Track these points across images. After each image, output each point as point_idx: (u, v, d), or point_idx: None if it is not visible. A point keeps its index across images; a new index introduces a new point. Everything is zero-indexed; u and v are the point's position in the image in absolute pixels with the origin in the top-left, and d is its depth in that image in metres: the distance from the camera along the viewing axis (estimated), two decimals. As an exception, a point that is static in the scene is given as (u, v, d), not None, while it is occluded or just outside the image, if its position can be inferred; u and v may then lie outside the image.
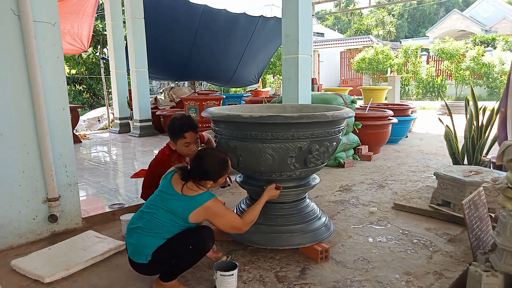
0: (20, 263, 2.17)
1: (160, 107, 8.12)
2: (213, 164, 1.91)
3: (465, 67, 16.37)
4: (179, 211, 1.84)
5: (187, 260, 1.89)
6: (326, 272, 2.09)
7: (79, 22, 8.08)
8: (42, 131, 2.47)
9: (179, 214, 1.84)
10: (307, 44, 4.18)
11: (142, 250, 1.82)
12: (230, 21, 9.72)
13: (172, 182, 1.91)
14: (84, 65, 13.97)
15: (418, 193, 3.31)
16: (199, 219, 1.88)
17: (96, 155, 5.77)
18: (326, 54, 23.78)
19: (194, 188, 1.88)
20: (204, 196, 1.87)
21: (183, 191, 1.86)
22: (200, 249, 1.89)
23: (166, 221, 1.84)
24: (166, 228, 1.84)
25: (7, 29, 2.34)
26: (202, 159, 1.91)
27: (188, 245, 1.84)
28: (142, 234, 1.84)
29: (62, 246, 2.42)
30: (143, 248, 1.82)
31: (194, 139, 2.40)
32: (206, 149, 2.01)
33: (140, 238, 1.83)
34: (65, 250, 2.36)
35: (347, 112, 2.20)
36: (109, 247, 2.36)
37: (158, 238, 1.83)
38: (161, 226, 1.83)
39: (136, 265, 1.87)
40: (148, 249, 1.81)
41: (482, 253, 1.95)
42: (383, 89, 11.16)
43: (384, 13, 32.86)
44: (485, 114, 3.44)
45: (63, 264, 2.15)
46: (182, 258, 1.86)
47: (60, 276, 2.07)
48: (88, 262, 2.20)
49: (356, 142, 4.88)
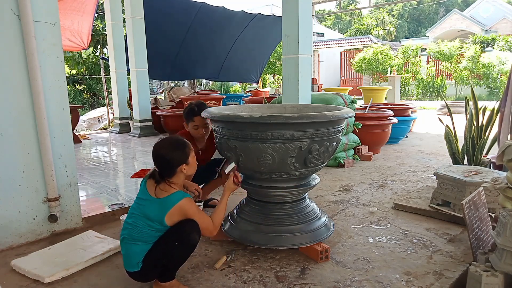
0: (20, 263, 2.17)
1: (160, 107, 8.11)
2: (167, 149, 1.89)
3: (463, 67, 16.36)
4: (154, 215, 1.82)
5: (178, 257, 1.87)
6: (326, 272, 2.09)
7: (79, 19, 8.07)
8: (42, 131, 2.47)
9: (155, 218, 1.82)
10: (307, 44, 4.18)
11: (132, 259, 1.82)
12: (226, 18, 9.74)
13: (147, 187, 1.89)
14: (84, 65, 13.98)
15: (418, 193, 3.31)
16: (174, 221, 1.84)
17: (96, 155, 5.77)
18: (326, 54, 23.78)
19: (166, 189, 1.86)
20: (177, 195, 1.85)
21: (156, 194, 1.85)
22: (187, 242, 1.85)
23: (144, 227, 1.83)
24: (146, 234, 1.83)
25: (7, 29, 2.34)
26: (156, 152, 1.90)
27: (174, 242, 1.82)
28: (128, 243, 1.84)
29: (62, 246, 2.42)
30: (133, 257, 1.82)
31: (203, 123, 2.81)
32: (156, 143, 1.97)
33: (128, 248, 1.84)
34: (65, 250, 2.35)
35: (347, 112, 2.20)
36: (109, 247, 2.36)
37: (142, 244, 1.82)
38: (142, 233, 1.83)
39: (131, 274, 1.87)
40: (138, 257, 1.81)
41: (482, 253, 1.95)
42: (383, 89, 11.17)
43: (384, 13, 32.87)
44: (485, 114, 3.44)
45: (63, 264, 2.15)
46: (172, 256, 1.84)
47: (60, 276, 2.07)
48: (88, 262, 2.20)
49: (356, 142, 4.88)
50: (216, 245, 2.44)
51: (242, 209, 2.49)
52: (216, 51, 10.60)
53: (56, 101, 2.58)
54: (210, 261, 2.21)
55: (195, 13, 9.06)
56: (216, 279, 2.04)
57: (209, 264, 2.18)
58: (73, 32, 8.30)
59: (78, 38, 8.47)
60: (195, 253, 2.31)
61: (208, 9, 9.13)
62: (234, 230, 2.39)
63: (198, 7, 9.00)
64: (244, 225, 2.37)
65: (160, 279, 1.89)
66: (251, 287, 1.96)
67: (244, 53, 11.25)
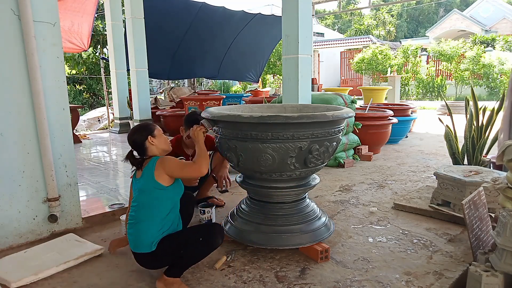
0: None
1: (160, 107, 8.11)
2: (131, 133, 2.07)
3: (464, 68, 16.36)
4: (146, 183, 1.95)
5: (196, 252, 1.93)
6: (326, 272, 2.09)
7: (79, 20, 8.03)
8: (42, 131, 2.47)
9: (149, 183, 1.93)
10: (307, 44, 4.18)
11: (144, 239, 1.89)
12: (226, 18, 9.74)
13: (135, 177, 2.05)
14: (84, 65, 13.98)
15: (418, 193, 3.31)
16: (164, 176, 1.94)
17: (96, 155, 5.77)
18: (326, 54, 23.76)
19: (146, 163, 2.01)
20: (154, 158, 2.00)
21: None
22: (210, 242, 1.95)
23: (149, 200, 1.94)
24: (153, 207, 1.93)
25: (7, 29, 2.34)
26: (129, 141, 2.07)
27: (199, 236, 1.92)
28: (136, 224, 1.93)
29: (39, 249, 2.35)
30: (145, 236, 1.89)
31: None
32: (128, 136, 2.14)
33: (138, 229, 1.92)
34: (41, 253, 2.28)
35: (347, 112, 2.20)
36: (85, 251, 2.28)
37: (152, 221, 1.91)
38: (148, 207, 1.94)
39: (139, 257, 1.93)
40: (151, 237, 1.88)
41: (482, 253, 1.95)
42: (383, 89, 11.16)
43: (384, 13, 32.86)
44: (485, 114, 3.44)
45: (34, 268, 2.07)
46: (191, 249, 1.90)
47: (29, 281, 1.99)
48: (61, 266, 2.13)
49: (356, 142, 4.88)
50: (216, 245, 2.44)
51: (242, 209, 2.49)
52: (216, 49, 10.60)
53: (56, 101, 2.58)
54: (210, 261, 2.21)
55: (196, 13, 9.07)
56: (216, 279, 2.04)
57: (209, 264, 2.18)
58: (73, 34, 8.27)
59: (78, 39, 8.45)
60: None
61: (208, 9, 9.13)
62: (234, 230, 2.39)
63: (198, 7, 9.00)
64: (244, 225, 2.37)
65: (169, 272, 1.92)
66: (251, 287, 1.96)
67: (244, 52, 11.23)
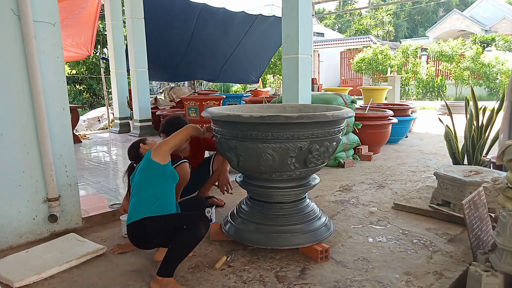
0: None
1: (160, 107, 8.11)
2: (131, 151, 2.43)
3: (464, 67, 16.36)
4: (144, 162, 2.14)
5: (181, 242, 1.93)
6: (326, 272, 2.09)
7: (86, 32, 8.22)
8: (42, 131, 2.47)
9: (146, 162, 2.12)
10: (307, 44, 4.18)
11: (134, 208, 2.04)
12: (228, 20, 9.72)
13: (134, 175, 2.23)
14: (84, 65, 13.99)
15: (418, 193, 3.31)
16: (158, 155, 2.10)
17: (96, 155, 5.77)
18: (326, 54, 23.76)
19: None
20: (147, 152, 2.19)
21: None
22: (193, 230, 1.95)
23: (144, 176, 2.11)
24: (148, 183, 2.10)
25: (7, 29, 2.34)
26: (129, 157, 2.46)
27: (182, 224, 1.97)
28: (136, 195, 2.09)
29: (41, 249, 2.35)
30: (135, 206, 2.05)
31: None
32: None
33: (133, 200, 2.09)
34: (43, 253, 2.28)
35: (347, 112, 2.20)
36: (87, 251, 2.28)
37: (146, 194, 2.07)
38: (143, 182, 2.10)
39: (130, 229, 2.03)
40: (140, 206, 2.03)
41: (482, 253, 1.95)
42: (383, 89, 11.15)
43: (383, 13, 32.85)
44: (485, 114, 3.44)
45: (37, 268, 2.08)
46: (177, 239, 1.93)
47: (31, 281, 2.00)
48: (63, 266, 2.13)
49: (356, 142, 4.88)
50: (216, 245, 2.44)
51: (242, 209, 2.49)
52: (217, 52, 10.56)
53: (56, 101, 2.58)
54: (210, 261, 2.21)
55: (197, 14, 9.04)
56: (216, 279, 2.04)
57: (209, 264, 2.18)
58: (80, 46, 8.46)
59: (84, 49, 8.61)
60: (195, 253, 2.31)
61: (209, 10, 9.11)
62: (234, 230, 2.39)
63: (199, 9, 8.97)
64: (244, 225, 2.37)
65: (159, 272, 1.91)
66: (251, 287, 1.96)
67: (245, 55, 11.17)
